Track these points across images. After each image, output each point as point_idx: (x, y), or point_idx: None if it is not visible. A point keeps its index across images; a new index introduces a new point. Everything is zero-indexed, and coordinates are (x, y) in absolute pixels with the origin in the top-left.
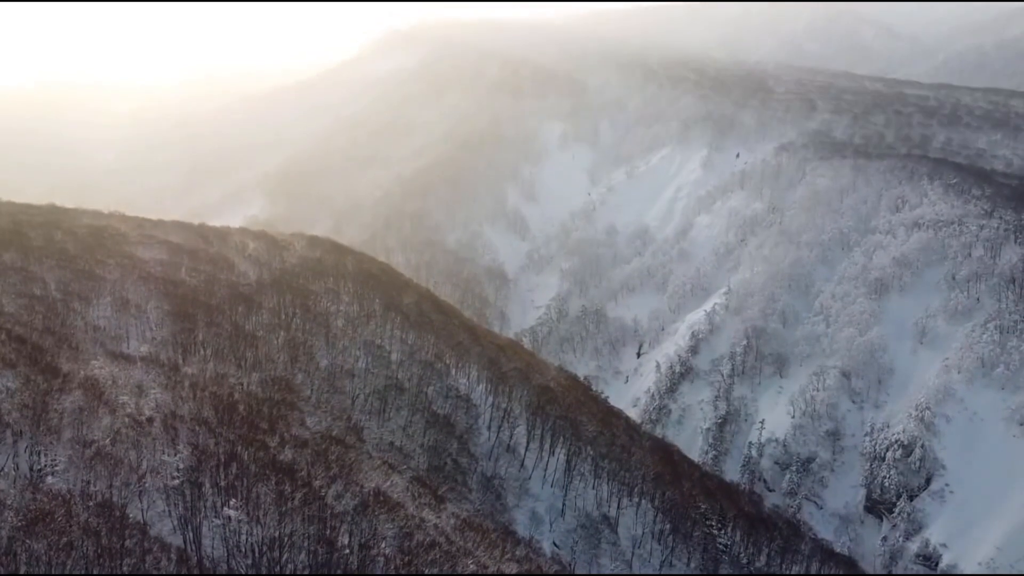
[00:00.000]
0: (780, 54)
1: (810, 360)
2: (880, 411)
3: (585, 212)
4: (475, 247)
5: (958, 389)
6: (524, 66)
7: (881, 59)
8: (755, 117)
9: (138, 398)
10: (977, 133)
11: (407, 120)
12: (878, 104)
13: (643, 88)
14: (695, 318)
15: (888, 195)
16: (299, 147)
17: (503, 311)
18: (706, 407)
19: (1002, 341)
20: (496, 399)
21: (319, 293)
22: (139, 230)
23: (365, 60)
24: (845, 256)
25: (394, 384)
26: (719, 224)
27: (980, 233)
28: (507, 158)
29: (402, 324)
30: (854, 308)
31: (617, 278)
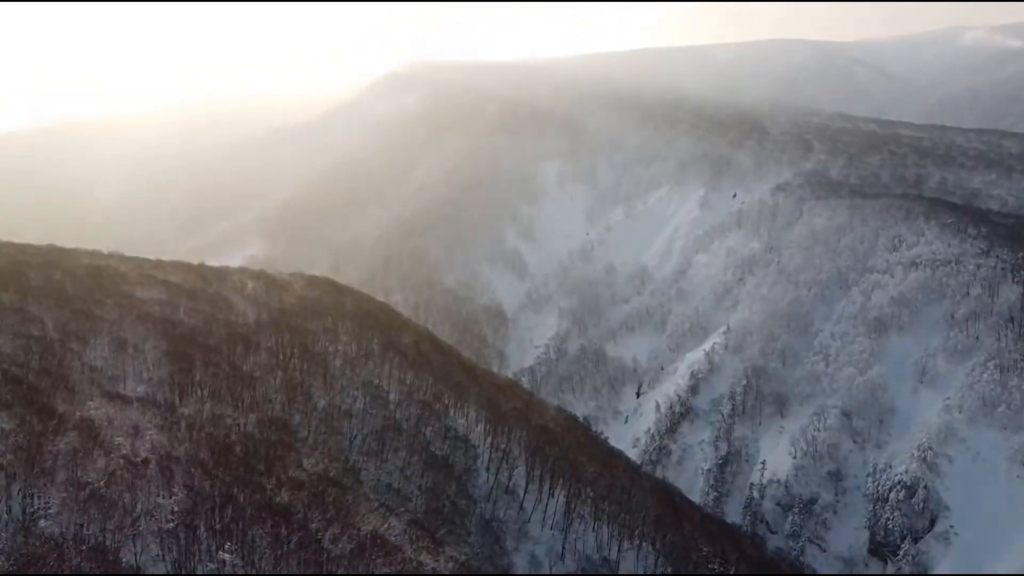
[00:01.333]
0: (775, 95)
1: (810, 400)
2: (882, 451)
3: (583, 251)
4: (474, 286)
5: (960, 429)
6: (522, 107)
7: (875, 100)
8: (751, 157)
9: (134, 439)
10: (972, 173)
11: (406, 160)
12: (873, 145)
13: (640, 129)
14: (694, 358)
15: (885, 234)
16: (299, 187)
17: (502, 351)
18: (707, 448)
19: (1003, 380)
20: (495, 440)
21: (317, 333)
22: (138, 270)
23: (365, 102)
24: (843, 295)
25: (392, 425)
26: (717, 263)
27: (977, 272)
28: (506, 198)
29: (400, 364)
30: (854, 347)
31: (616, 317)
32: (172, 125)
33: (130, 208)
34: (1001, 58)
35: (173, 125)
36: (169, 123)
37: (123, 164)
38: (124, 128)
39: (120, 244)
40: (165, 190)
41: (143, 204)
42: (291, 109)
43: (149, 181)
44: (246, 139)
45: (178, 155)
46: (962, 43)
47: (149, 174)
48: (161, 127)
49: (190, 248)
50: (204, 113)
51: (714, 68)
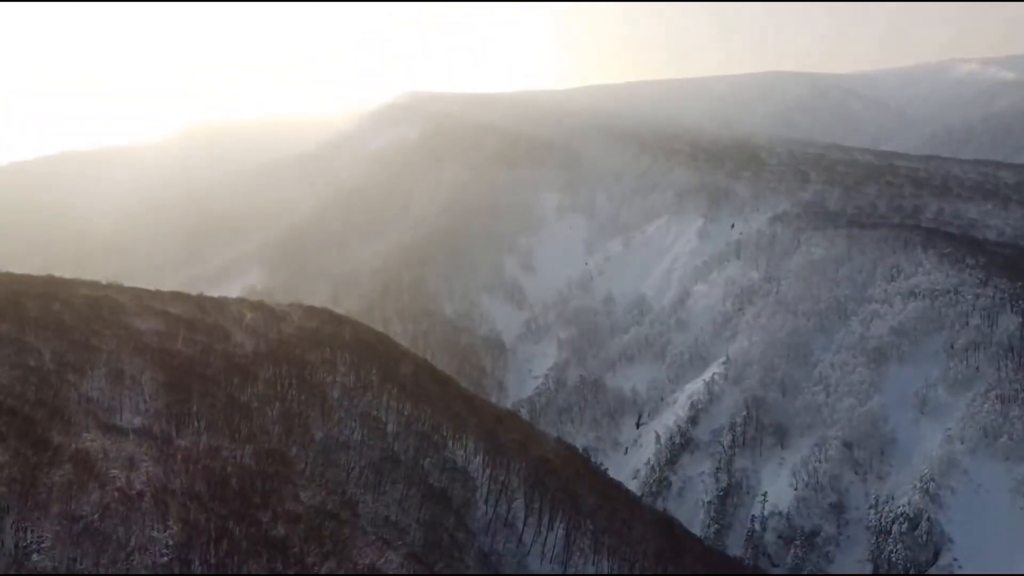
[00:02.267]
0: (771, 126)
1: (811, 430)
2: (884, 483)
3: (582, 282)
4: (473, 317)
5: (962, 460)
6: (521, 138)
7: (870, 131)
8: (749, 188)
9: (129, 471)
10: (968, 203)
11: (405, 191)
12: (870, 175)
13: (638, 159)
14: (694, 388)
15: (883, 264)
16: (298, 218)
17: (501, 381)
18: (707, 479)
19: (1004, 411)
20: (494, 471)
21: (315, 363)
22: (137, 300)
23: (364, 132)
24: (843, 325)
25: (390, 456)
26: (716, 293)
27: (976, 302)
28: (504, 228)
29: (399, 395)
30: (853, 377)
31: (615, 348)
32: (171, 156)
33: (130, 239)
34: (995, 90)
35: (172, 156)
36: (168, 154)
37: (123, 195)
38: (124, 159)
39: (119, 275)
40: (164, 220)
41: (142, 235)
42: (290, 139)
43: (149, 212)
44: (245, 169)
45: (177, 186)
46: (956, 75)
47: (149, 205)
48: (161, 158)
49: (189, 278)
50: (203, 144)
51: (710, 100)
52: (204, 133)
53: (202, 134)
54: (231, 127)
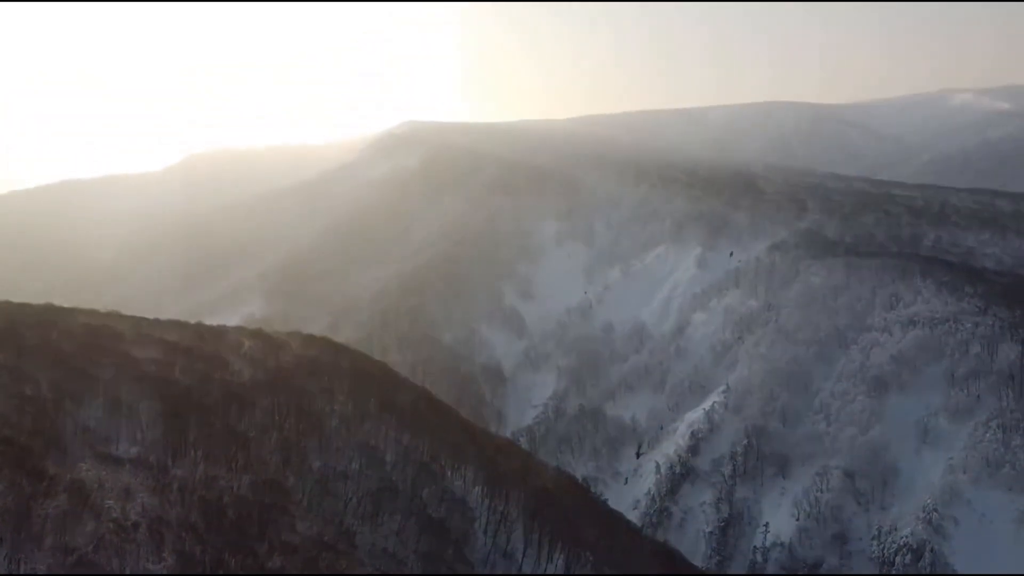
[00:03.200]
0: (769, 156)
1: (812, 460)
2: (887, 513)
3: (581, 310)
4: (472, 345)
5: (965, 490)
6: (519, 167)
7: (867, 161)
8: (747, 217)
9: (124, 502)
10: (966, 232)
11: (405, 220)
12: (867, 204)
13: (637, 188)
14: (694, 417)
15: (882, 293)
16: (297, 246)
17: (500, 410)
18: (708, 510)
19: (1006, 440)
20: (493, 502)
21: (314, 392)
22: (135, 329)
23: (363, 161)
24: (843, 354)
25: (388, 487)
26: (715, 322)
27: (976, 330)
28: (503, 256)
29: (397, 424)
30: (854, 406)
31: (615, 376)
32: (172, 185)
33: (129, 267)
34: (989, 119)
35: (173, 185)
36: (170, 183)
37: (123, 224)
38: (125, 188)
39: (119, 303)
40: (165, 249)
41: (143, 263)
42: (291, 168)
43: (149, 240)
44: (246, 198)
45: (178, 215)
46: (951, 105)
47: (149, 234)
48: (162, 187)
49: (188, 307)
50: (204, 173)
51: (708, 130)
52: (205, 162)
53: (203, 163)
54: (232, 156)
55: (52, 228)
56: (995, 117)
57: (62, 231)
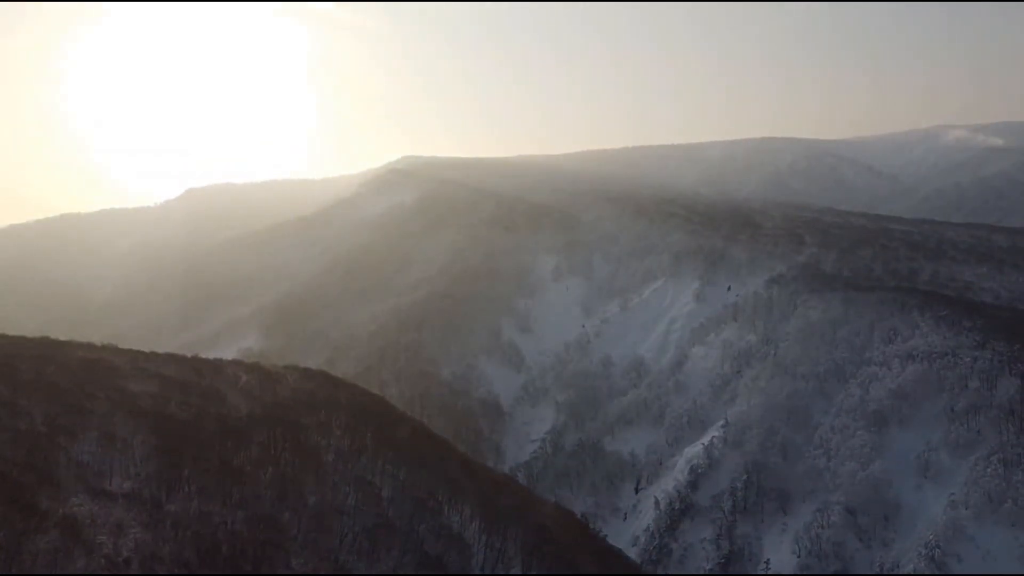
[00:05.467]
0: (766, 191)
1: (813, 496)
2: (889, 550)
3: (580, 344)
4: (470, 379)
5: (967, 526)
6: (518, 202)
7: (863, 196)
8: (745, 251)
9: (117, 538)
10: (963, 267)
11: (403, 255)
12: (864, 238)
13: (635, 223)
14: (693, 452)
15: (880, 327)
16: (296, 281)
17: (498, 445)
18: (708, 546)
19: (1007, 475)
20: (490, 538)
21: (310, 427)
22: (131, 363)
23: (362, 197)
24: (842, 388)
25: (384, 522)
26: (714, 356)
27: (975, 364)
28: (502, 291)
29: (394, 459)
30: (854, 441)
31: (613, 411)
32: (171, 221)
33: (127, 302)
34: (984, 156)
35: (172, 221)
36: (168, 219)
37: (121, 259)
38: (123, 224)
39: (116, 338)
40: (162, 285)
41: (140, 299)
42: (289, 204)
43: (147, 276)
44: (244, 234)
45: (176, 250)
46: (945, 141)
47: (147, 269)
48: (160, 223)
49: (186, 342)
50: (203, 208)
51: (706, 165)
52: (204, 197)
53: (202, 198)
54: (230, 191)
55: (50, 263)
56: (988, 153)
57: (60, 266)
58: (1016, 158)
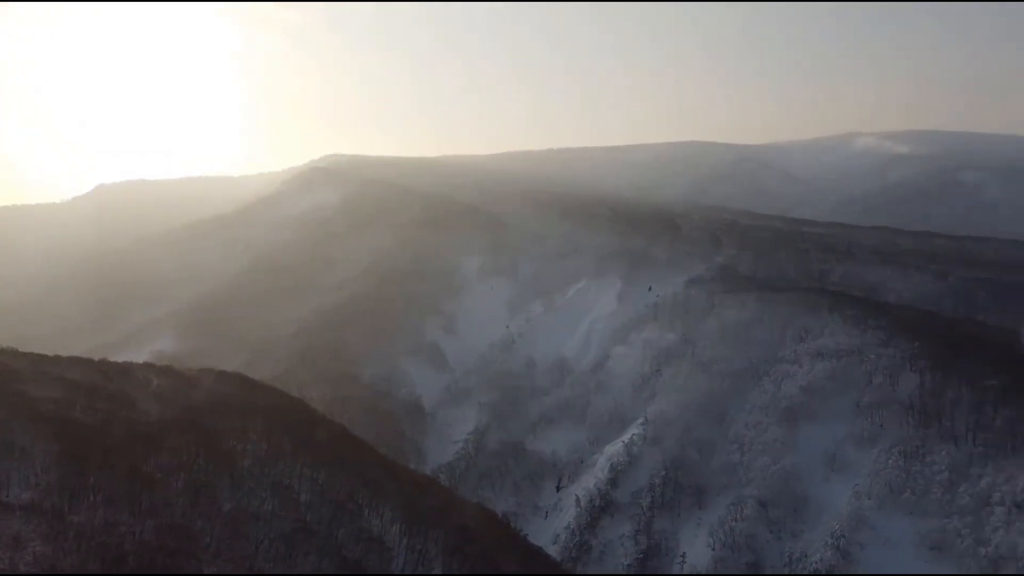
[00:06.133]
0: (687, 194)
1: (728, 490)
2: (798, 540)
3: (504, 344)
4: (392, 381)
5: (870, 516)
6: (445, 202)
7: (780, 200)
8: (666, 252)
9: (14, 552)
10: (870, 268)
11: (326, 255)
12: (779, 241)
13: (560, 224)
14: (614, 450)
15: (793, 326)
16: (214, 282)
17: (420, 446)
18: (627, 542)
19: (907, 466)
20: (411, 540)
21: (226, 431)
22: (33, 367)
23: (285, 196)
24: (756, 385)
25: (303, 527)
26: (635, 355)
27: (879, 362)
28: (427, 292)
29: (313, 463)
30: (767, 436)
31: (536, 410)
32: (82, 218)
33: (32, 305)
34: (891, 163)
35: (83, 218)
36: (79, 216)
37: (29, 259)
38: (31, 221)
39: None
40: (71, 286)
41: (47, 301)
42: (207, 202)
43: (54, 276)
44: (159, 233)
45: (88, 249)
46: (856, 148)
47: (54, 269)
48: (70, 220)
49: (96, 345)
50: (115, 206)
51: (631, 168)
52: (116, 193)
53: (114, 194)
54: (144, 187)
55: None
56: (895, 160)
57: None
58: (920, 165)
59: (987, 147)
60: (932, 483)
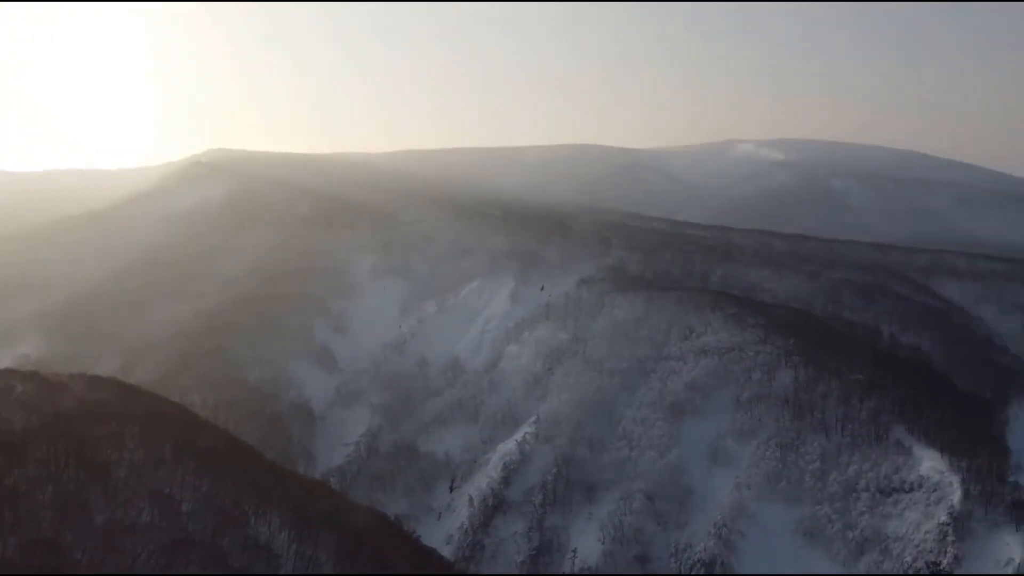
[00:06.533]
0: (578, 195)
1: (617, 485)
2: (683, 531)
3: (396, 345)
4: (280, 383)
5: (750, 505)
6: (335, 200)
7: (665, 203)
8: (557, 253)
9: None
10: (748, 269)
11: (209, 254)
12: (665, 242)
13: (453, 224)
14: (506, 449)
15: (678, 324)
16: (85, 282)
17: (309, 450)
18: (520, 540)
19: (783, 457)
20: (300, 547)
21: (99, 439)
22: None
23: (165, 191)
24: (643, 382)
25: (184, 538)
26: (527, 354)
27: (757, 358)
28: (316, 291)
29: (196, 470)
30: (654, 432)
31: (429, 411)
32: None
33: None
34: (768, 169)
35: None
36: None
37: None
38: None
39: None
40: None
41: None
42: (78, 197)
43: None
44: (22, 229)
45: None
46: (735, 154)
47: None
48: None
49: None
50: None
51: (523, 169)
52: None
53: None
54: (5, 180)
55: None
56: (772, 167)
57: None
58: (795, 172)
59: (853, 156)
60: (805, 472)
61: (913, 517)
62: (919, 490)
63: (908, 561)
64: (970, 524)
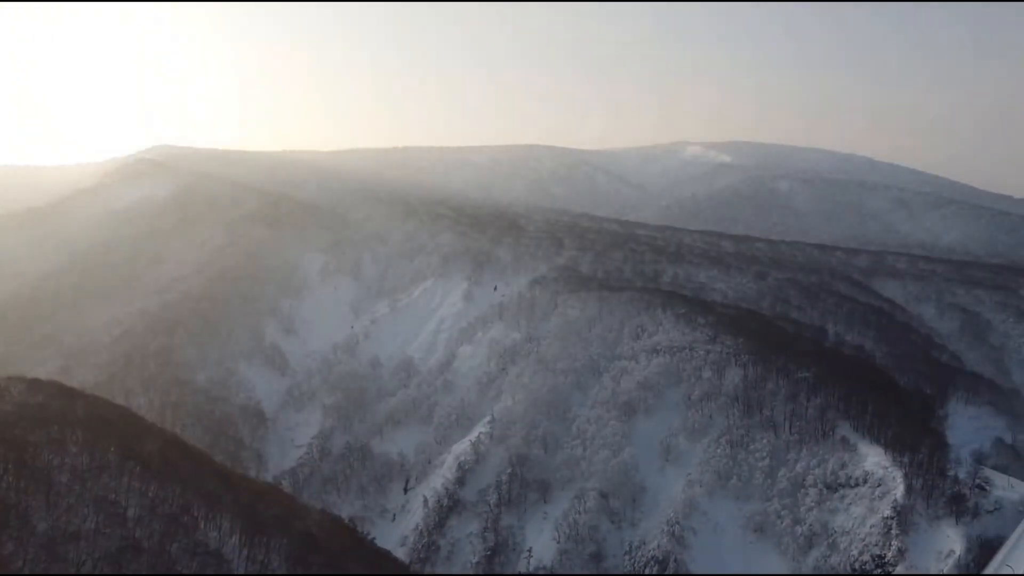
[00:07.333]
0: (529, 196)
1: (571, 484)
2: (636, 529)
3: (348, 346)
4: (229, 385)
5: (701, 502)
6: (284, 199)
7: (615, 203)
8: (510, 253)
9: None
10: (698, 269)
11: (154, 252)
12: (616, 242)
13: (404, 223)
14: (460, 449)
15: (629, 324)
16: (22, 281)
17: (260, 453)
18: (475, 540)
19: (733, 454)
20: (251, 551)
21: (39, 444)
22: None
23: (107, 188)
24: (596, 381)
25: (130, 544)
26: (481, 354)
27: (707, 357)
28: (265, 291)
29: (142, 475)
30: (607, 431)
31: (382, 412)
32: None
33: None
34: (716, 171)
35: None
36: None
37: None
38: None
39: None
40: None
41: None
42: (14, 193)
43: None
44: None
45: None
46: (684, 156)
47: None
48: None
49: None
50: None
51: (474, 169)
52: None
53: None
54: None
55: None
56: (720, 168)
57: None
58: (741, 174)
59: (796, 159)
60: (755, 469)
61: (858, 511)
62: (864, 485)
63: (855, 554)
64: (912, 518)
